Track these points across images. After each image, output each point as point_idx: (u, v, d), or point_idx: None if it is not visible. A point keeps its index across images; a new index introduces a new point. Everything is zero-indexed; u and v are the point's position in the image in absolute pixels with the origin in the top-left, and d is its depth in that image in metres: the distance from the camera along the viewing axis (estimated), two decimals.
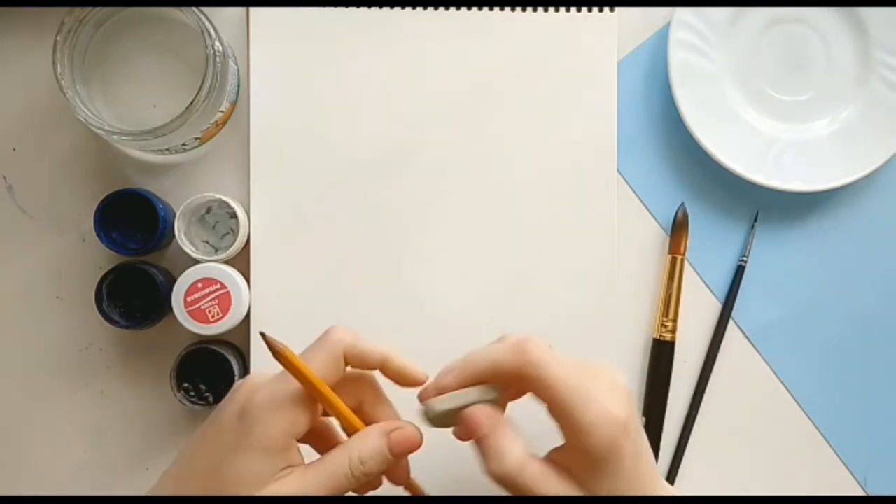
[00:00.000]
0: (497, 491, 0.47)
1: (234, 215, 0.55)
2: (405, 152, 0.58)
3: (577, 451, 0.42)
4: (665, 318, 0.57)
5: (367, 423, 0.45)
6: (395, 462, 0.44)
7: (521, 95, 0.58)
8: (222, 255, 0.55)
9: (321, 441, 0.46)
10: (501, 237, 0.58)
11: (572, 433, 0.42)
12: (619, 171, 0.58)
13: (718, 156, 0.56)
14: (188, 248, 0.54)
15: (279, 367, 0.48)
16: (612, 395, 0.42)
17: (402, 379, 0.46)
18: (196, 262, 0.54)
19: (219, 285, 0.53)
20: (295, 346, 0.57)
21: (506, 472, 0.42)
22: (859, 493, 0.58)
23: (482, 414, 0.44)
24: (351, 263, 0.57)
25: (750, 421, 0.58)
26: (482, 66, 0.58)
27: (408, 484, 0.47)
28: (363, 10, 0.58)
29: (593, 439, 0.41)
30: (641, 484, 0.43)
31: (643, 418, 0.57)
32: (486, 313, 0.58)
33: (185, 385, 0.55)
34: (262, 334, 0.44)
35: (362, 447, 0.43)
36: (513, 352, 0.43)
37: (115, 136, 0.51)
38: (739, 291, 0.58)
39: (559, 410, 0.42)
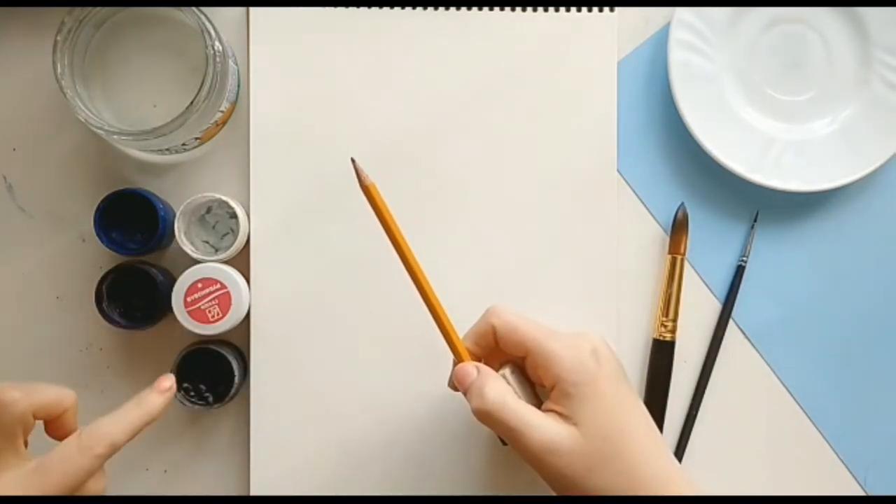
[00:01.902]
0: (498, 490, 0.47)
1: (234, 215, 0.55)
2: (405, 152, 0.58)
3: (557, 388, 0.45)
4: (665, 318, 0.57)
5: None
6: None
7: (521, 95, 0.58)
8: (222, 255, 0.55)
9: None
10: (501, 237, 0.58)
11: (547, 369, 0.46)
12: (619, 171, 0.58)
13: (718, 156, 0.56)
14: (188, 248, 0.54)
15: (278, 367, 0.49)
16: (583, 335, 0.47)
17: None
18: (196, 262, 0.54)
19: (219, 285, 0.53)
20: (296, 346, 0.57)
21: (489, 405, 0.45)
22: (859, 493, 0.58)
23: (469, 367, 0.48)
24: (351, 263, 0.57)
25: (750, 421, 0.58)
26: (482, 66, 0.58)
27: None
28: (363, 10, 0.58)
29: (565, 364, 0.45)
30: (625, 409, 0.46)
31: None
32: None
33: (185, 385, 0.55)
34: (353, 160, 0.48)
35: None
36: (484, 319, 0.48)
37: (115, 136, 0.51)
38: (739, 291, 0.58)
39: (531, 352, 0.46)
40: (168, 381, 0.48)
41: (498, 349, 0.48)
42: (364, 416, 0.57)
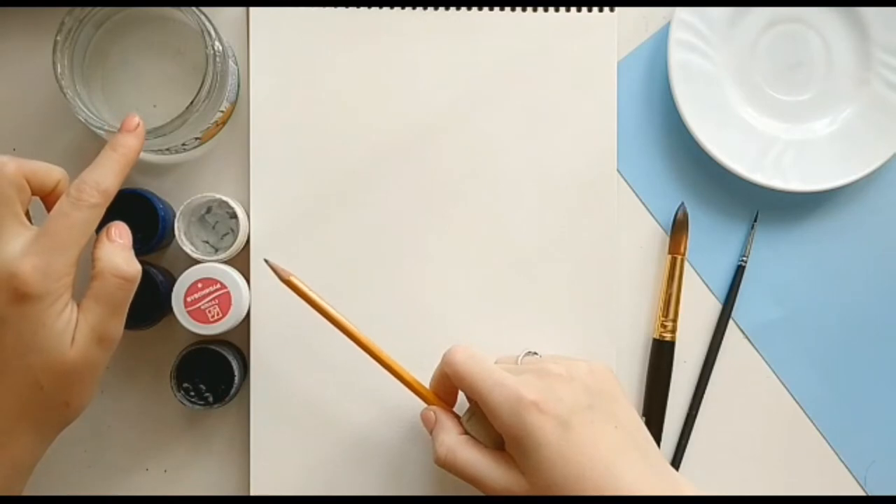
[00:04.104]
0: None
1: (234, 215, 0.55)
2: (404, 152, 0.58)
3: (505, 437, 0.46)
4: (665, 318, 0.57)
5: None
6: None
7: (521, 95, 0.58)
8: (222, 255, 0.55)
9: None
10: (501, 237, 0.58)
11: (492, 420, 0.46)
12: (619, 171, 0.58)
13: (718, 156, 0.56)
14: (188, 248, 0.54)
15: (278, 367, 0.48)
16: (535, 381, 0.46)
17: None
18: (196, 262, 0.54)
19: (219, 285, 0.53)
20: (296, 346, 0.57)
21: (440, 455, 0.48)
22: (859, 493, 0.58)
23: (428, 413, 0.50)
24: (351, 263, 0.57)
25: (750, 421, 0.58)
26: (482, 66, 0.58)
27: None
28: (363, 10, 0.58)
29: (502, 418, 0.45)
30: (574, 454, 0.44)
31: (643, 418, 0.57)
32: (487, 313, 0.58)
33: (185, 385, 0.55)
34: (266, 260, 0.50)
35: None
36: (440, 365, 0.50)
37: None
38: (739, 291, 0.58)
39: (480, 402, 0.47)
40: (135, 119, 0.48)
41: None
42: (364, 416, 0.57)
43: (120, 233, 0.47)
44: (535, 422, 0.44)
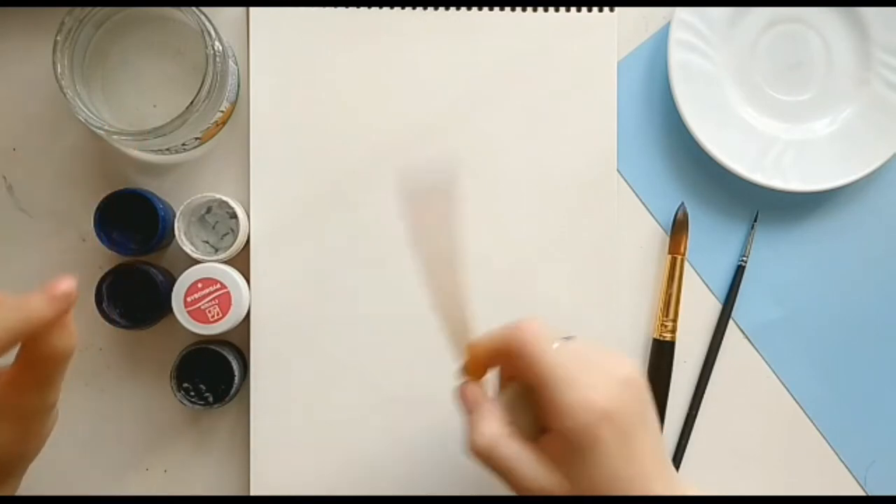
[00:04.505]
0: (498, 491, 0.47)
1: (234, 215, 0.55)
2: (405, 151, 0.58)
3: (559, 435, 0.43)
4: (665, 318, 0.57)
5: None
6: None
7: (521, 95, 0.58)
8: (222, 255, 0.55)
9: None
10: (501, 237, 0.58)
11: (552, 416, 0.43)
12: (619, 171, 0.58)
13: (718, 156, 0.56)
14: (188, 248, 0.54)
15: (278, 367, 0.48)
16: (603, 385, 0.42)
17: None
18: (196, 262, 0.54)
19: (219, 285, 0.53)
20: (296, 346, 0.57)
21: (479, 447, 0.43)
22: (859, 493, 0.58)
23: (467, 391, 0.46)
24: (351, 263, 0.57)
25: (750, 421, 0.58)
26: (482, 67, 0.58)
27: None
28: (363, 10, 0.58)
29: (568, 422, 0.42)
30: (631, 475, 0.42)
31: None
32: (486, 313, 0.57)
33: (185, 385, 0.55)
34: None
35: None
36: (510, 331, 0.44)
37: (115, 136, 0.51)
38: (739, 291, 0.58)
39: (541, 391, 0.43)
40: (65, 285, 0.39)
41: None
42: (364, 416, 0.57)
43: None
44: (604, 435, 0.42)
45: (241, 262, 0.57)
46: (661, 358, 0.57)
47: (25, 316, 0.38)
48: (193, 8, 0.52)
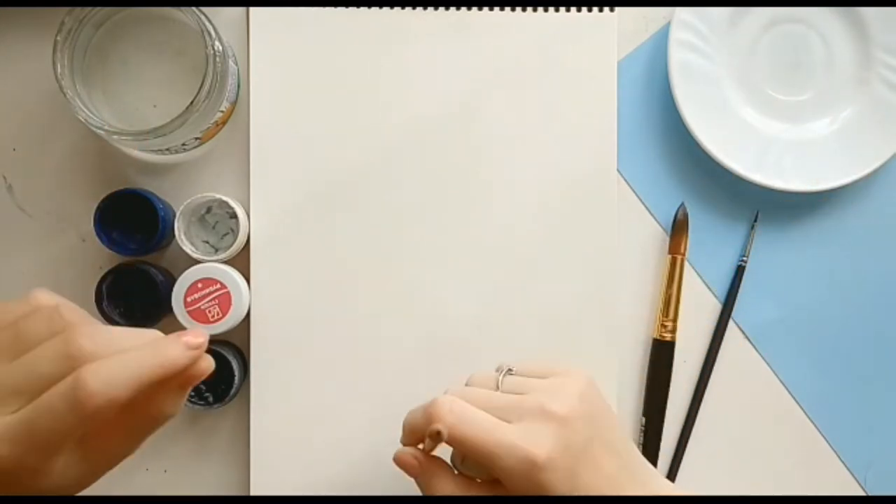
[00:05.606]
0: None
1: (234, 215, 0.55)
2: (405, 152, 0.58)
3: (512, 491, 0.44)
4: (665, 318, 0.57)
5: None
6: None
7: (521, 95, 0.58)
8: (222, 255, 0.55)
9: None
10: (501, 237, 0.58)
11: (499, 478, 0.44)
12: (619, 171, 0.58)
13: (718, 156, 0.56)
14: (188, 248, 0.54)
15: (278, 367, 0.48)
16: (536, 429, 0.43)
17: None
18: (196, 262, 0.54)
19: (219, 285, 0.53)
20: (296, 346, 0.57)
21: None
22: (859, 493, 0.58)
23: (406, 459, 0.46)
24: (351, 263, 0.57)
25: (750, 421, 0.58)
26: (482, 66, 0.58)
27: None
28: (363, 10, 0.58)
29: (513, 483, 0.43)
30: (587, 494, 0.43)
31: (643, 418, 0.57)
32: (487, 314, 0.58)
33: None
34: None
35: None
36: (424, 418, 0.45)
37: (115, 136, 0.51)
38: (739, 291, 0.58)
39: (483, 463, 0.44)
40: (201, 339, 0.38)
41: None
42: (364, 416, 0.57)
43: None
44: (548, 480, 0.42)
45: (241, 262, 0.57)
46: (661, 358, 0.57)
47: (162, 361, 0.36)
48: (193, 8, 0.52)
